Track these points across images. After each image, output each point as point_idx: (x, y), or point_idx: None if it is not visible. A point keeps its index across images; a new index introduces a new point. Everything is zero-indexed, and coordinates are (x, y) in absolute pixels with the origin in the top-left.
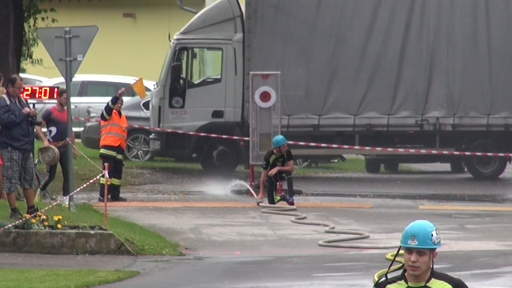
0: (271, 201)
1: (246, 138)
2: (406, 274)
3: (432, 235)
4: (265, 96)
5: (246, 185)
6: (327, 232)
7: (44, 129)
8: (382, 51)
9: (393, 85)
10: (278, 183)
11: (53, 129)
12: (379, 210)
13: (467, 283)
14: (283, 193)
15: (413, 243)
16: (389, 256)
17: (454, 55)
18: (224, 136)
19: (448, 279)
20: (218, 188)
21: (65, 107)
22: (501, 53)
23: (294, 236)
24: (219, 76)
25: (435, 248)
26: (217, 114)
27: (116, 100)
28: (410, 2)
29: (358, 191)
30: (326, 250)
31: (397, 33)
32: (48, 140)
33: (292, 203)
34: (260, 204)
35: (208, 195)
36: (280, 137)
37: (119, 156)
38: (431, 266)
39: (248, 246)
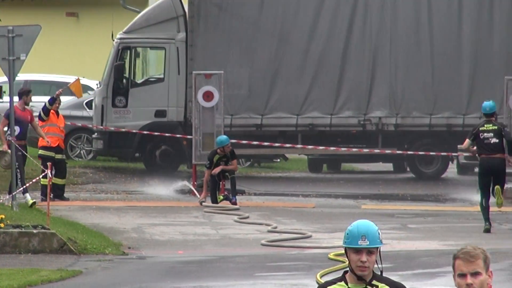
0: (214, 200)
1: (189, 137)
2: (347, 275)
3: (379, 234)
4: (208, 96)
5: (189, 185)
6: (269, 231)
7: (6, 128)
8: (325, 50)
9: (336, 85)
10: (221, 183)
11: (17, 129)
12: (322, 210)
13: (409, 283)
14: (226, 193)
15: (364, 243)
16: (332, 256)
17: (396, 55)
18: (167, 135)
19: (390, 283)
20: (161, 188)
21: (28, 107)
22: (443, 53)
23: (237, 236)
24: (162, 76)
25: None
26: (160, 113)
27: (53, 101)
28: (353, 1)
29: (300, 190)
30: (269, 249)
31: (340, 33)
32: (8, 140)
33: (235, 203)
34: (203, 203)
35: (151, 195)
36: (223, 137)
37: (58, 156)
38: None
39: (190, 245)
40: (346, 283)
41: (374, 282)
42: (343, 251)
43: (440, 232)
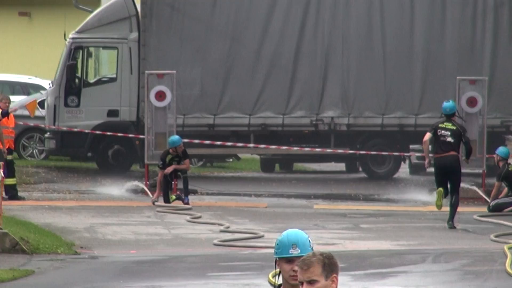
0: (167, 200)
1: (141, 136)
2: (281, 287)
3: (309, 242)
4: (160, 96)
5: (141, 185)
6: (222, 231)
7: None
8: (277, 51)
9: (288, 85)
10: (173, 182)
11: None
12: (274, 210)
13: (361, 283)
14: (178, 193)
15: (295, 252)
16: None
17: (349, 56)
18: (119, 134)
19: None
20: (114, 187)
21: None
22: (395, 54)
23: (189, 236)
24: (114, 75)
25: None
26: (113, 113)
27: (6, 114)
28: (305, 2)
29: (253, 190)
30: (221, 249)
31: (292, 33)
32: None
33: (187, 203)
34: (156, 203)
35: (104, 194)
36: (176, 137)
37: (9, 157)
38: None
39: (143, 245)
40: None
41: None
42: None
43: (392, 232)
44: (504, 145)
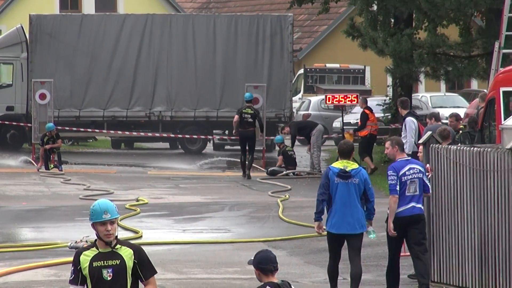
0: (47, 168)
1: (29, 124)
2: (97, 242)
3: (115, 207)
4: (42, 96)
5: (29, 158)
6: (85, 189)
7: None
8: (122, 65)
9: (130, 89)
10: (51, 156)
11: None
12: (121, 175)
13: (181, 224)
14: (55, 163)
15: (107, 216)
16: (128, 206)
17: (171, 68)
18: (14, 123)
19: (130, 245)
20: (10, 160)
21: None
22: (203, 67)
23: (63, 192)
24: (11, 82)
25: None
26: (10, 108)
27: None
28: (142, 32)
29: (106, 161)
30: (85, 202)
31: (133, 53)
32: None
33: (61, 170)
34: (40, 170)
35: (3, 164)
36: (50, 124)
37: None
38: (116, 234)
39: (31, 199)
40: (97, 248)
41: (117, 245)
42: (136, 202)
43: (201, 190)
44: (278, 133)
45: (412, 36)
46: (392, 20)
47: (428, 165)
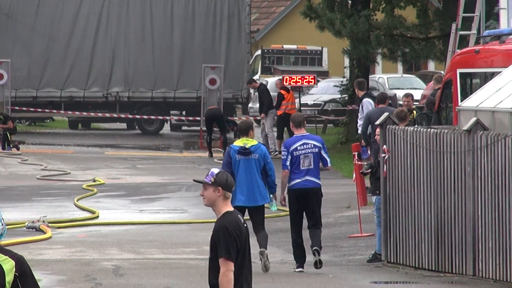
0: (4, 148)
1: None
2: None
3: None
4: (0, 76)
5: None
6: (42, 169)
7: None
8: (80, 46)
9: (87, 69)
10: (10, 137)
11: None
12: (78, 155)
13: (138, 205)
14: (16, 143)
15: None
16: (84, 186)
17: (129, 49)
18: None
19: (12, 255)
20: None
21: None
22: (161, 48)
23: (20, 172)
24: None
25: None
26: None
27: None
28: (99, 13)
29: (63, 142)
30: (42, 182)
31: (90, 34)
32: None
33: (18, 149)
34: None
35: None
36: None
37: None
38: None
39: None
40: None
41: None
42: (93, 183)
43: (158, 171)
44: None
45: (369, 18)
46: (350, 2)
47: (384, 146)
